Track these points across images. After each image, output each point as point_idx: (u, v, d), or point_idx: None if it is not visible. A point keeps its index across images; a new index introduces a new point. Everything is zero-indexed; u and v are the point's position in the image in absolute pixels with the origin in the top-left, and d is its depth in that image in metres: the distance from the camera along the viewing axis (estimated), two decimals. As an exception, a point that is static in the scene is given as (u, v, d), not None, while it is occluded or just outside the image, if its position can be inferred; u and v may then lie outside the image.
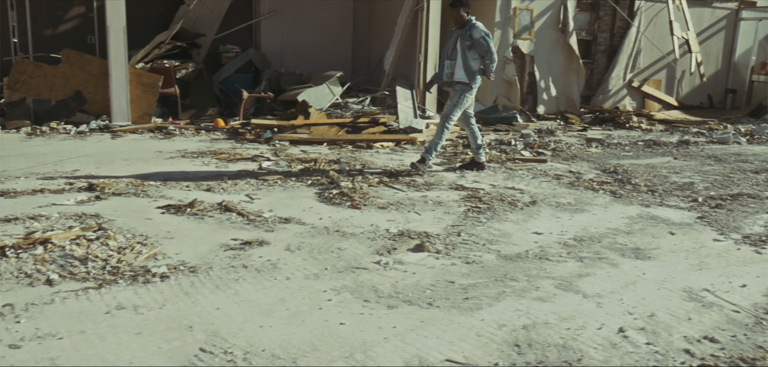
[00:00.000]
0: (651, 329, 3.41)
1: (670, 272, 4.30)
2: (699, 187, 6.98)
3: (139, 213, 5.08)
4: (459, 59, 6.86)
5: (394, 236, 4.78)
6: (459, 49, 6.84)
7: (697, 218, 5.69)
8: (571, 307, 3.65)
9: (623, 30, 13.71)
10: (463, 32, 6.83)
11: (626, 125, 11.90)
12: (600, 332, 3.36)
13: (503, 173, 7.28)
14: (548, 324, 3.40)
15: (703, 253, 4.73)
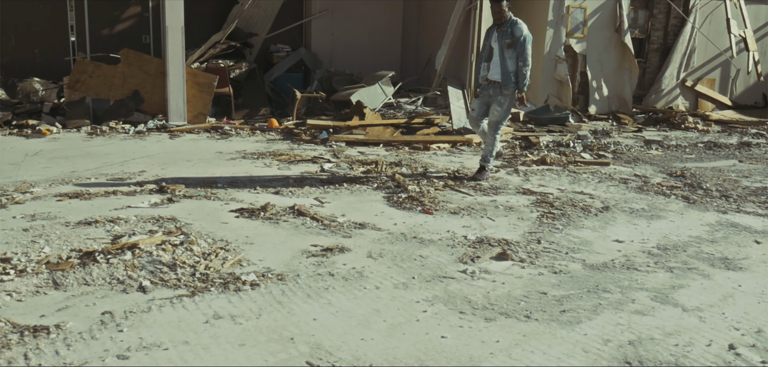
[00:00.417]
0: (762, 346, 3.27)
1: (766, 283, 4.13)
2: (774, 192, 6.74)
3: (214, 216, 5.08)
4: (496, 59, 6.46)
5: (473, 243, 4.69)
6: (496, 49, 6.46)
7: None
8: (673, 321, 3.52)
9: (677, 28, 13.37)
10: (503, 30, 6.42)
11: (681, 126, 11.61)
12: (710, 349, 3.22)
13: (568, 177, 7.13)
14: (654, 340, 3.28)
15: None
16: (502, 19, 6.39)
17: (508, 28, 6.38)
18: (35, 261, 3.91)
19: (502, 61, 6.40)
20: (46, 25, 10.58)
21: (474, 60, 11.28)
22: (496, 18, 6.42)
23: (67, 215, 4.93)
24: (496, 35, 6.46)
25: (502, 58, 6.39)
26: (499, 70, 6.42)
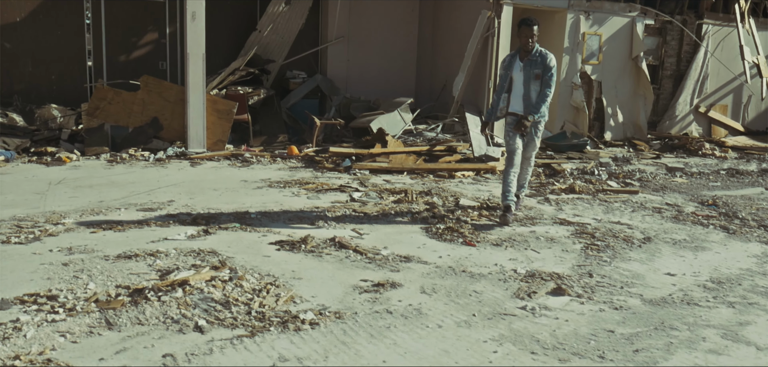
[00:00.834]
0: None
1: (833, 321, 4.02)
2: (811, 222, 6.66)
3: (254, 249, 4.95)
4: (518, 90, 6.01)
5: (524, 277, 4.58)
6: (519, 79, 6.00)
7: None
8: (749, 360, 3.40)
9: (690, 55, 13.39)
10: (531, 59, 5.98)
11: (699, 152, 11.57)
12: (796, 392, 3.11)
13: (600, 206, 7.03)
14: (737, 383, 3.16)
15: None
16: (531, 45, 5.97)
17: (538, 58, 5.98)
18: (83, 299, 3.77)
19: (527, 93, 6.00)
20: (63, 52, 10.50)
21: (491, 87, 11.25)
22: (525, 43, 5.96)
23: (105, 248, 4.79)
24: (521, 65, 6.03)
25: (527, 88, 5.99)
26: (522, 101, 6.02)
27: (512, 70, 6.09)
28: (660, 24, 13.00)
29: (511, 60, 6.15)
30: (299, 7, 11.15)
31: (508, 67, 6.13)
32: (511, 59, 6.15)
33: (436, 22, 12.93)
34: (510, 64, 6.12)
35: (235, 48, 11.16)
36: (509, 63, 6.13)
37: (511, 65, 6.11)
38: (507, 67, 6.14)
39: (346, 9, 11.86)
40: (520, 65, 6.03)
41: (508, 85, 6.16)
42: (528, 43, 5.94)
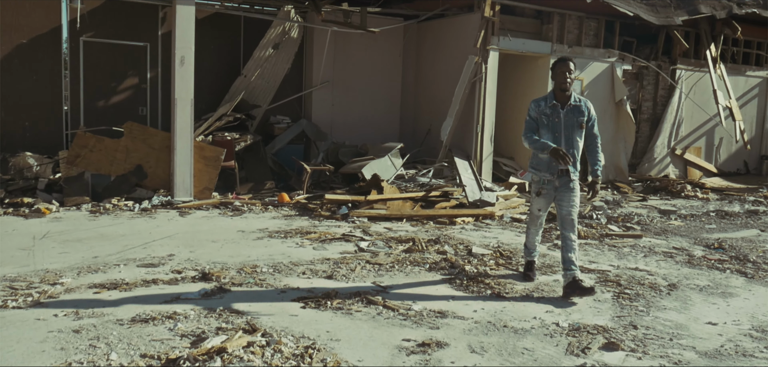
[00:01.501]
0: None
1: None
2: (819, 264, 6.68)
3: (277, 307, 4.62)
4: (561, 139, 5.18)
5: (569, 331, 4.37)
6: (562, 126, 5.16)
7: None
8: (834, 419, 3.25)
9: (665, 99, 13.69)
10: (572, 105, 5.18)
11: (682, 194, 11.70)
12: None
13: (610, 251, 6.93)
14: None
15: None
16: (569, 83, 5.14)
17: (580, 103, 5.23)
18: (110, 372, 3.38)
19: (571, 143, 5.18)
20: (38, 97, 9.97)
21: (479, 131, 11.20)
22: (562, 82, 5.12)
23: (115, 311, 4.39)
24: (563, 113, 5.19)
25: (572, 139, 5.18)
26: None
27: (553, 117, 5.18)
28: (637, 69, 13.27)
29: (551, 108, 5.19)
30: (286, 51, 10.94)
31: (550, 115, 5.19)
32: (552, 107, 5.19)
33: (419, 68, 12.90)
34: (553, 112, 5.18)
35: (218, 93, 10.85)
36: (552, 111, 5.19)
37: (553, 113, 5.18)
38: (550, 114, 5.19)
39: (331, 54, 11.71)
40: (562, 113, 5.19)
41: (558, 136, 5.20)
42: (565, 81, 5.10)
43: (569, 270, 5.13)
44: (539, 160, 5.30)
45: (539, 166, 5.32)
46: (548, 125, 5.21)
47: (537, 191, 5.40)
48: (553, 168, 5.19)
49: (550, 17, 12.05)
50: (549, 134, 5.20)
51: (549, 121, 5.20)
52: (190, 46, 8.71)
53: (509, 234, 7.66)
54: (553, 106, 5.21)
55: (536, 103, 5.31)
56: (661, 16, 12.47)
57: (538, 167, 5.33)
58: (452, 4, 11.80)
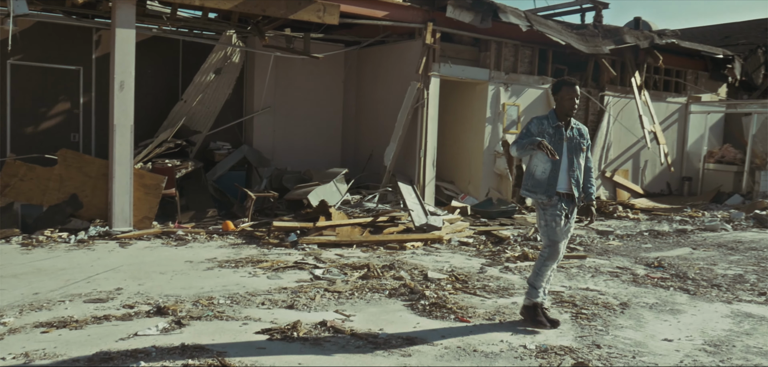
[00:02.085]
0: None
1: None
2: (750, 278, 7.10)
3: (242, 340, 4.47)
4: (564, 162, 4.98)
5: (537, 353, 4.44)
6: (565, 149, 4.98)
7: (788, 314, 5.70)
8: (795, 428, 3.43)
9: (595, 123, 14.28)
10: (573, 128, 5.05)
11: (614, 215, 12.20)
12: None
13: (559, 272, 7.11)
14: None
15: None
16: (576, 109, 5.02)
17: (580, 127, 5.14)
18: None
19: (572, 167, 5.01)
20: (-44, 123, 9.36)
21: (422, 156, 11.33)
22: (570, 108, 4.96)
23: (69, 351, 4.13)
24: (566, 135, 5.01)
25: (572, 163, 5.01)
26: (567, 176, 4.99)
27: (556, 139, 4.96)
28: (569, 95, 13.76)
29: (555, 128, 4.98)
30: (227, 77, 10.74)
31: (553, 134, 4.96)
32: (556, 128, 4.98)
33: (360, 94, 12.95)
34: (557, 133, 4.97)
35: (155, 118, 10.50)
36: (555, 131, 4.97)
37: (557, 134, 4.97)
38: (553, 134, 4.96)
39: (273, 79, 11.59)
40: (565, 135, 5.00)
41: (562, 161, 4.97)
42: (573, 106, 4.95)
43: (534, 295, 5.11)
44: (536, 182, 5.01)
45: (536, 188, 5.02)
46: (551, 145, 4.91)
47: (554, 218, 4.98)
48: (550, 190, 4.94)
49: (488, 45, 12.39)
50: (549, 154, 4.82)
51: (551, 141, 4.94)
52: (130, 70, 8.41)
53: (460, 258, 7.75)
54: (557, 127, 4.99)
55: (539, 121, 5.03)
56: (590, 45, 13.05)
57: (534, 189, 5.03)
58: (393, 32, 11.92)
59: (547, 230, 5.04)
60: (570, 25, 13.35)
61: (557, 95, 5.01)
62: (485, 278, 6.65)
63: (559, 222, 4.99)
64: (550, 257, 5.06)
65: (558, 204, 4.97)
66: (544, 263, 5.08)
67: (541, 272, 5.09)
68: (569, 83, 4.99)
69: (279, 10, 9.38)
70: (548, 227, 5.02)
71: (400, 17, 11.14)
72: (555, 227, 5.00)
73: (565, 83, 5.01)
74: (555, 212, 4.98)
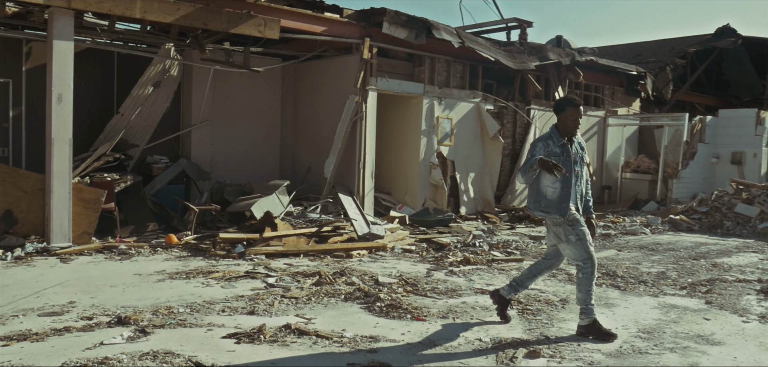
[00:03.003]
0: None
1: (754, 354, 4.73)
2: (671, 275, 7.74)
3: (211, 345, 4.57)
4: (573, 179, 5.08)
5: (493, 345, 4.77)
6: (571, 164, 5.07)
7: (706, 304, 6.31)
8: (723, 396, 3.89)
9: (523, 135, 14.99)
10: (574, 142, 5.14)
11: (543, 222, 12.83)
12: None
13: (500, 274, 7.53)
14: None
15: (750, 333, 5.26)
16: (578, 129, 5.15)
17: (579, 141, 5.21)
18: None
19: (579, 179, 5.16)
20: None
21: (361, 168, 11.59)
22: (574, 128, 5.09)
23: (38, 361, 4.11)
24: (572, 152, 5.09)
25: (580, 176, 5.16)
26: (574, 193, 5.11)
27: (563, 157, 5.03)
28: (498, 109, 14.43)
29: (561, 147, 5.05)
30: (166, 90, 10.65)
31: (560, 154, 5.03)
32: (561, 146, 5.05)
33: (297, 107, 13.09)
34: (563, 150, 5.04)
35: (90, 132, 10.26)
36: (562, 150, 5.04)
37: (564, 151, 5.05)
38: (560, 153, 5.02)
39: (211, 93, 11.56)
40: (570, 151, 5.08)
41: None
42: (577, 126, 5.08)
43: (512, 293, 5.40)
44: (549, 202, 5.03)
45: (550, 208, 5.04)
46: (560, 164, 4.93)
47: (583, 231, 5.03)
48: (563, 208, 4.98)
49: (422, 60, 12.83)
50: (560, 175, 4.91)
51: (560, 161, 4.98)
52: (68, 83, 8.26)
53: (406, 264, 8.03)
54: (562, 146, 5.04)
55: (544, 143, 5.04)
56: (517, 62, 13.75)
57: (548, 209, 5.06)
58: (331, 47, 12.17)
59: (579, 244, 4.99)
60: (498, 42, 14.01)
61: (562, 114, 5.06)
62: (433, 282, 6.96)
63: (586, 230, 5.02)
64: (592, 270, 5.01)
65: (578, 217, 5.03)
66: (589, 280, 5.01)
67: (590, 289, 5.02)
68: (575, 104, 5.05)
69: (220, 24, 9.44)
70: (581, 241, 4.99)
71: (339, 33, 11.40)
72: (586, 238, 4.99)
73: (570, 103, 5.06)
74: (580, 225, 5.00)
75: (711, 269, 8.26)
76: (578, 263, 5.03)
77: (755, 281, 7.47)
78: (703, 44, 19.38)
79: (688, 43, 19.48)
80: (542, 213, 5.10)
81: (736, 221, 12.51)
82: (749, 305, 6.33)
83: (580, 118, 5.08)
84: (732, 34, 19.23)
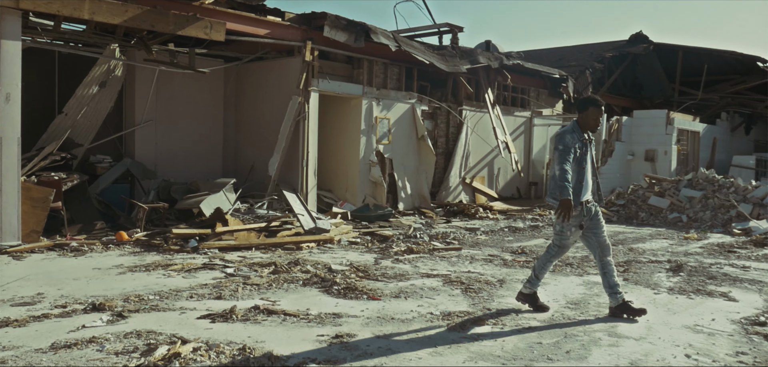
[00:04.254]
0: (699, 351, 4.51)
1: (663, 318, 5.53)
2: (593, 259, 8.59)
3: (189, 324, 4.95)
4: (588, 173, 5.48)
5: (443, 316, 5.36)
6: (588, 160, 5.48)
7: (624, 280, 7.14)
8: (637, 347, 4.62)
9: (456, 135, 15.79)
10: (590, 138, 5.54)
11: (476, 216, 13.65)
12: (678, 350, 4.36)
13: (442, 261, 8.16)
14: (644, 359, 4.32)
15: (660, 303, 6.09)
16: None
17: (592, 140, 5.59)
18: (73, 385, 3.55)
19: (594, 170, 5.56)
20: None
21: (305, 166, 12.02)
22: (595, 126, 5.48)
23: (27, 342, 4.39)
24: (589, 147, 5.49)
25: (594, 167, 5.56)
26: (591, 186, 5.53)
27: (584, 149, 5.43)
28: (432, 109, 15.17)
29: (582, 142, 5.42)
30: (110, 90, 10.74)
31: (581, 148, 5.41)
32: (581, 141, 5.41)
33: (240, 107, 13.37)
34: (583, 145, 5.42)
35: (32, 131, 10.24)
36: (582, 145, 5.42)
37: (584, 146, 5.43)
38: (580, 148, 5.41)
39: (154, 93, 11.71)
40: (589, 147, 5.49)
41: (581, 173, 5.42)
42: (597, 126, 5.46)
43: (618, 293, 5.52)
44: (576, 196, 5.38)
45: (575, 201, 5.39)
46: (579, 159, 5.38)
47: (579, 225, 5.47)
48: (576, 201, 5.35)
49: (361, 63, 13.39)
50: (577, 167, 5.38)
51: (580, 155, 5.38)
52: (17, 82, 8.32)
53: (354, 254, 8.56)
54: (583, 141, 5.42)
55: (571, 135, 5.39)
56: (450, 65, 14.51)
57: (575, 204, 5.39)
58: (274, 49, 12.54)
59: (561, 234, 5.51)
60: (432, 46, 14.73)
61: (584, 113, 5.42)
62: (382, 268, 7.51)
63: (572, 231, 5.46)
64: (556, 254, 5.61)
65: (580, 213, 5.42)
66: (550, 258, 5.62)
67: (545, 265, 5.64)
68: (597, 104, 5.41)
69: (167, 25, 9.68)
70: (563, 234, 5.50)
71: (281, 35, 11.79)
72: (569, 235, 5.49)
73: (593, 103, 5.42)
74: (572, 222, 5.41)
75: (628, 253, 9.19)
76: (552, 244, 5.65)
77: (665, 262, 8.41)
78: (618, 49, 20.85)
79: (606, 49, 20.91)
80: (555, 201, 5.41)
81: (649, 212, 13.71)
82: (660, 280, 7.21)
83: (601, 118, 5.45)
84: (644, 40, 20.80)
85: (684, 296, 6.44)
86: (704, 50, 20.89)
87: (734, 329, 5.21)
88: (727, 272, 7.78)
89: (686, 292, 6.60)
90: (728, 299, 6.35)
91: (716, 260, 8.61)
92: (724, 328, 5.25)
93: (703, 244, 10.23)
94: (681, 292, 6.60)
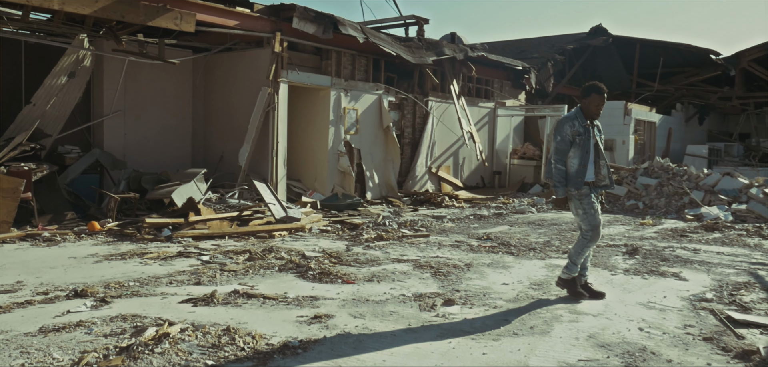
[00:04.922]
0: (651, 325, 4.91)
1: (619, 296, 5.93)
2: (555, 243, 9.02)
3: (171, 308, 5.13)
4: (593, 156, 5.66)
5: (414, 297, 5.66)
6: (592, 143, 5.65)
7: (583, 263, 7.54)
8: (595, 322, 4.99)
9: (422, 125, 16.12)
10: (594, 123, 5.72)
11: (443, 204, 14.02)
12: (632, 324, 4.74)
13: (411, 247, 8.47)
14: (599, 333, 4.69)
15: (617, 283, 6.50)
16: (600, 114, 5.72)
17: (597, 124, 5.79)
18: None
19: (600, 155, 5.69)
20: None
21: (275, 156, 12.19)
22: (597, 112, 5.62)
23: (16, 327, 4.53)
24: (593, 133, 5.66)
25: (600, 152, 5.69)
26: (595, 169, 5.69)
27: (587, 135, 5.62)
28: (399, 100, 15.45)
29: (585, 129, 5.61)
30: (79, 80, 10.72)
31: (583, 134, 5.59)
32: (584, 127, 5.60)
33: (208, 98, 13.43)
34: (586, 131, 5.60)
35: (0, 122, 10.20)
36: (585, 131, 5.60)
37: (587, 132, 5.62)
38: (583, 133, 5.59)
39: (123, 83, 11.72)
40: (592, 132, 5.67)
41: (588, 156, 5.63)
42: (599, 112, 5.62)
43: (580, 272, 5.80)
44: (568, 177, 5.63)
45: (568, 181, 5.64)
46: (581, 144, 5.56)
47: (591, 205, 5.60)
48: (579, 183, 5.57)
49: (329, 54, 13.58)
50: (580, 152, 5.56)
51: (582, 141, 5.56)
52: (-14, 72, 8.31)
53: (326, 242, 8.80)
54: (585, 127, 5.58)
55: (571, 124, 5.56)
56: (416, 56, 14.81)
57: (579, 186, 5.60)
58: (243, 40, 12.64)
59: (586, 217, 5.61)
60: (398, 38, 15.00)
61: (587, 99, 5.57)
62: (354, 254, 7.78)
63: (595, 207, 5.61)
64: (592, 238, 5.63)
65: (589, 193, 5.60)
66: (586, 244, 5.65)
67: (581, 251, 5.67)
68: (600, 91, 5.54)
69: (138, 16, 9.73)
70: (587, 214, 5.60)
71: (251, 27, 11.91)
72: (594, 213, 5.59)
73: (595, 90, 5.55)
74: (590, 200, 5.58)
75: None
76: (584, 230, 5.69)
77: (622, 246, 8.87)
78: (579, 42, 21.44)
79: (566, 41, 21.49)
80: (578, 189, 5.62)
81: (608, 199, 14.25)
82: (617, 263, 7.64)
83: (603, 104, 5.59)
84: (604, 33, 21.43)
85: (639, 276, 6.88)
86: (660, 43, 21.65)
87: (684, 305, 5.63)
88: (679, 254, 8.27)
89: (641, 273, 7.04)
90: (679, 278, 6.80)
91: (669, 244, 9.11)
92: (675, 304, 5.67)
93: (657, 229, 10.77)
94: (636, 273, 7.04)
